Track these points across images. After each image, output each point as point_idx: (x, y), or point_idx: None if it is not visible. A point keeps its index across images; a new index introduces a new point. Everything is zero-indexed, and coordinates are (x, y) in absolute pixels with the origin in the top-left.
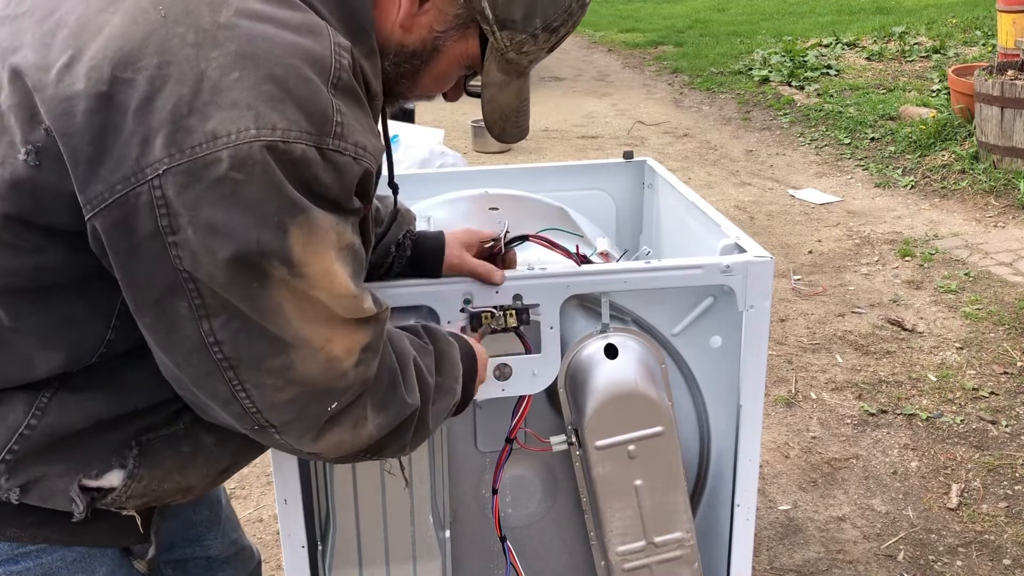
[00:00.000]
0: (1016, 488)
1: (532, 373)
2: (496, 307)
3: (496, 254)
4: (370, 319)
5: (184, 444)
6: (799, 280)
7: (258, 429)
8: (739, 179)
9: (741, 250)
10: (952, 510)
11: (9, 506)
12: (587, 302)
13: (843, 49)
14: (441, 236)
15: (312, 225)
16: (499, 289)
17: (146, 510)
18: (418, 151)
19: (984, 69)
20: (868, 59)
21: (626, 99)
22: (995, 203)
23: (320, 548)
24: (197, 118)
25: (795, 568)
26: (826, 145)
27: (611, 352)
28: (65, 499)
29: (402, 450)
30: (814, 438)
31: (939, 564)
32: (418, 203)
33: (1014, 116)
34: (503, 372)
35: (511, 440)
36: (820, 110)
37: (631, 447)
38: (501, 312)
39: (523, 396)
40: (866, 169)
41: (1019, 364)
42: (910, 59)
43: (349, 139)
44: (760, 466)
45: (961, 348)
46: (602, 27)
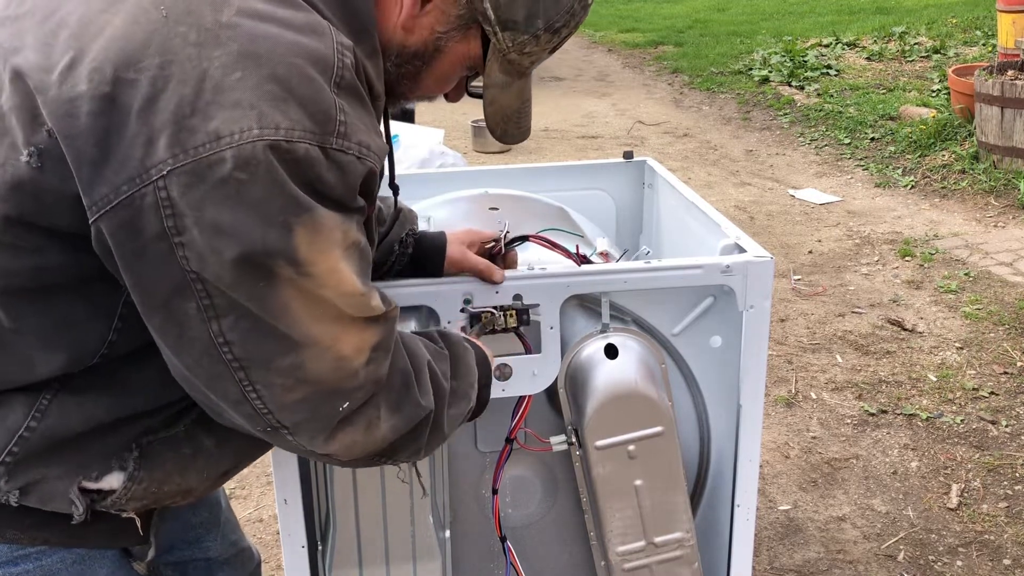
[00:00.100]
0: (1016, 488)
1: (532, 373)
2: (496, 307)
3: (496, 255)
4: (379, 318)
5: (184, 446)
6: (799, 280)
7: (270, 431)
8: (739, 179)
9: (741, 250)
10: (952, 510)
11: (8, 508)
12: (587, 302)
13: (843, 49)
14: (443, 235)
15: (317, 224)
16: (499, 289)
17: (146, 512)
18: (418, 151)
19: (984, 69)
20: (868, 59)
21: (626, 99)
22: (995, 203)
23: (320, 548)
24: (200, 118)
25: (795, 568)
26: (826, 145)
27: (611, 352)
28: (65, 501)
29: (417, 454)
30: (814, 438)
31: (939, 564)
32: (418, 203)
33: (1014, 116)
34: (503, 372)
35: (511, 440)
36: (820, 110)
37: (631, 447)
38: (501, 312)
39: (523, 396)
40: (866, 169)
41: (1019, 364)
42: (910, 59)
43: (353, 138)
44: (760, 466)
45: (961, 348)
46: (602, 27)
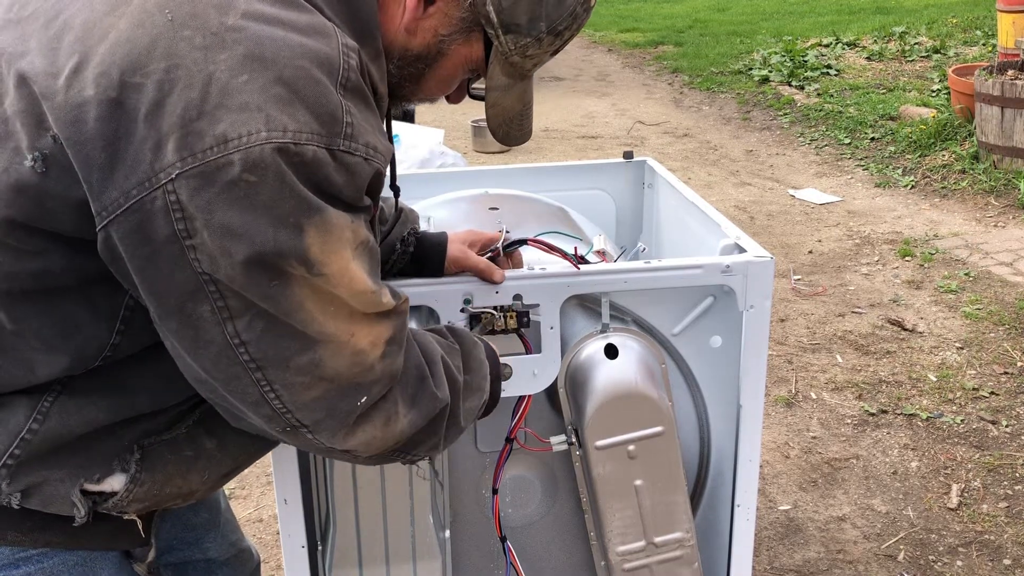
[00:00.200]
0: (1016, 488)
1: (532, 373)
2: (496, 307)
3: (495, 258)
4: (390, 312)
5: (186, 448)
6: (799, 280)
7: (290, 430)
8: (739, 179)
9: (741, 250)
10: (952, 510)
11: (10, 510)
12: (587, 302)
13: (843, 49)
14: (444, 235)
15: (328, 224)
16: (499, 289)
17: (147, 514)
18: (418, 151)
19: (984, 69)
20: (868, 59)
21: (626, 99)
22: (995, 203)
23: (320, 548)
24: (207, 121)
25: (795, 568)
26: (826, 145)
27: (611, 352)
28: (67, 503)
29: (435, 449)
30: (814, 438)
31: (939, 564)
32: (418, 203)
33: (1014, 116)
34: (503, 372)
35: (511, 440)
36: (820, 110)
37: (631, 447)
38: (501, 313)
39: (523, 396)
40: (866, 169)
41: (1019, 364)
42: (910, 59)
43: (360, 140)
44: (760, 466)
45: (961, 348)
46: (602, 27)
